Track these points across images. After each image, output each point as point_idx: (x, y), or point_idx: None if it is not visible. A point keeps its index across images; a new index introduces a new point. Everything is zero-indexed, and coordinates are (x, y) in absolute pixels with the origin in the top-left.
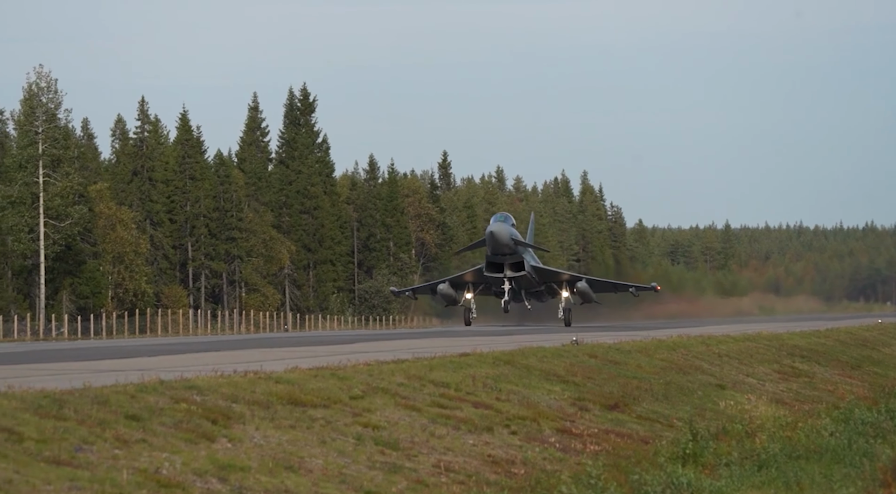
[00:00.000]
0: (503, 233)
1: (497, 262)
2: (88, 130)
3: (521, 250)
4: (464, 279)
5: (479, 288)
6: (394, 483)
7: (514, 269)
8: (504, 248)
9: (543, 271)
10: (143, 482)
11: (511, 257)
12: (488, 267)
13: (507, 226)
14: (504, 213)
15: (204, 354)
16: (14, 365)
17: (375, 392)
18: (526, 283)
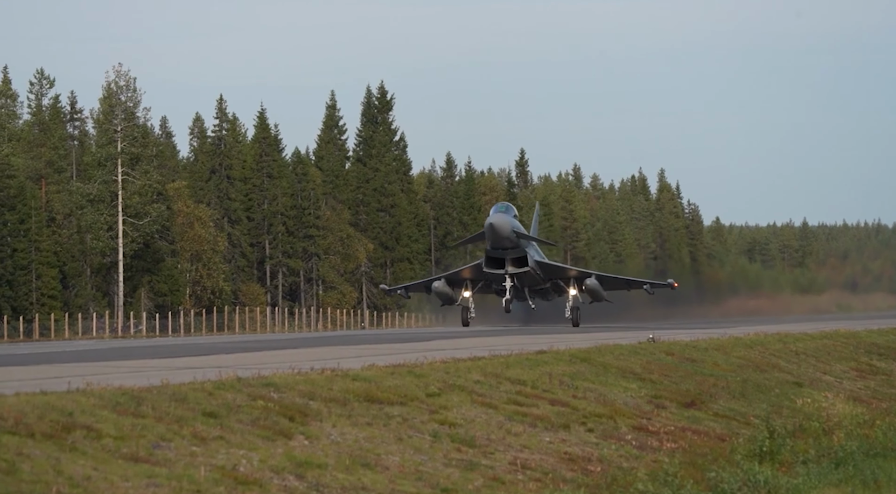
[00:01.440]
0: (504, 225)
1: (498, 257)
2: (167, 129)
3: (525, 243)
4: (461, 276)
5: (479, 286)
6: (470, 480)
7: (516, 264)
8: (505, 241)
9: (549, 267)
10: (221, 479)
11: (513, 251)
12: (488, 262)
13: (508, 217)
14: (505, 203)
15: (281, 351)
16: (93, 363)
17: (452, 390)
18: (530, 280)
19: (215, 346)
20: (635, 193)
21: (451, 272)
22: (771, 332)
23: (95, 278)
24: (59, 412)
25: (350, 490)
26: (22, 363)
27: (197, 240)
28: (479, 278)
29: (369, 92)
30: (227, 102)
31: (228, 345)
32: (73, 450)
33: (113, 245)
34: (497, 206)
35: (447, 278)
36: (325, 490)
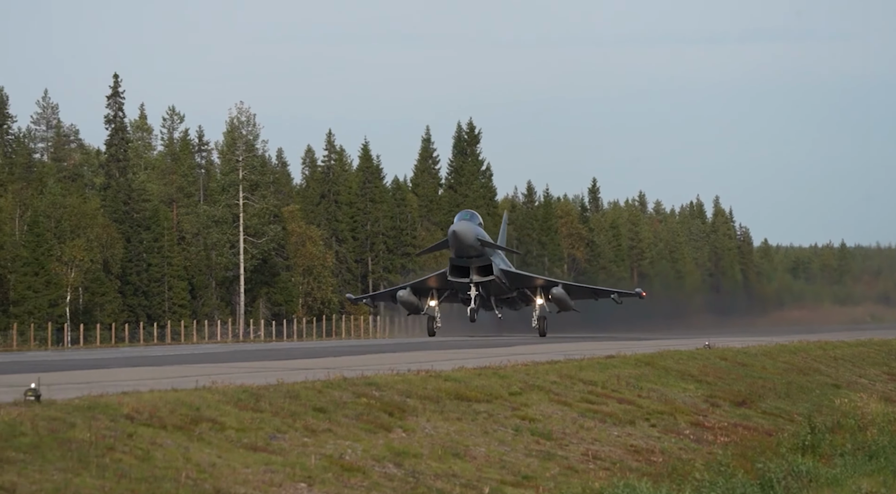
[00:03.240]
0: (467, 233)
1: (462, 265)
2: (282, 159)
3: (490, 252)
4: (427, 285)
5: (445, 295)
6: (547, 468)
7: (481, 273)
8: (469, 250)
9: (514, 276)
10: (329, 466)
11: (478, 259)
12: (452, 271)
13: (472, 225)
14: (470, 211)
15: (382, 355)
16: (217, 364)
17: (531, 389)
18: (496, 289)
19: (324, 350)
20: (693, 217)
21: (416, 281)
22: (812, 340)
23: (220, 290)
24: (187, 406)
25: (442, 477)
26: (155, 364)
27: (308, 257)
28: (445, 287)
29: (459, 127)
30: (335, 135)
31: (336, 349)
32: (200, 440)
33: (235, 261)
34: (461, 213)
35: (413, 287)
36: (420, 476)
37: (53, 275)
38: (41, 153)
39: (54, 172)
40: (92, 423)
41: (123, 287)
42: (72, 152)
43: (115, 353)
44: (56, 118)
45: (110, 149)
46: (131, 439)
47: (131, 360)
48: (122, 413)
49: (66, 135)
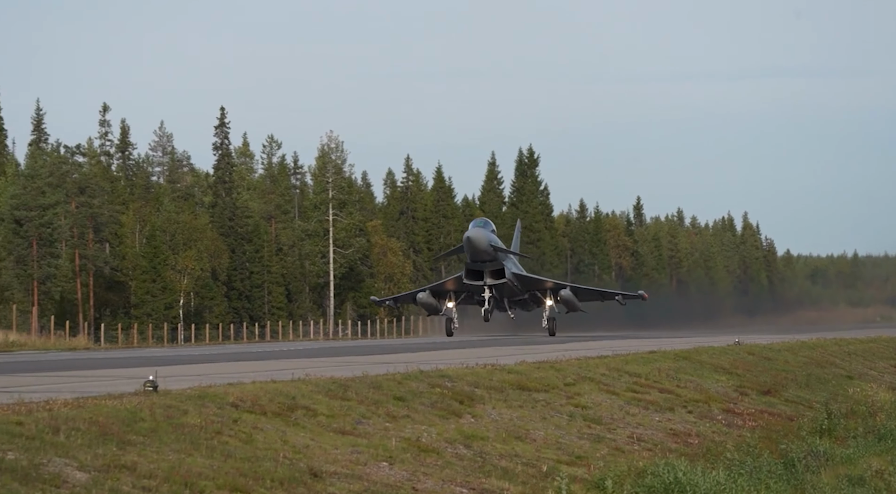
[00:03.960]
0: (481, 239)
1: (477, 269)
2: (366, 180)
3: (502, 256)
4: (445, 287)
5: (462, 297)
6: (598, 449)
7: (494, 276)
8: (483, 254)
9: (526, 279)
10: (407, 447)
11: (491, 264)
12: (468, 274)
13: (485, 232)
14: (484, 218)
15: (453, 351)
16: (310, 359)
17: (584, 380)
18: (508, 291)
19: (404, 346)
20: (725, 230)
21: (435, 284)
22: (829, 337)
23: (312, 294)
24: (284, 396)
25: (506, 457)
26: (256, 359)
27: (389, 265)
28: (461, 290)
29: (521, 152)
30: (412, 159)
31: (413, 346)
32: (296, 425)
33: (325, 269)
34: (475, 221)
35: (432, 290)
36: (487, 456)
37: (168, 281)
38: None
39: (169, 192)
40: (202, 410)
41: (229, 292)
42: (184, 175)
43: (221, 349)
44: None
45: (217, 172)
46: (236, 424)
47: (236, 355)
48: (228, 402)
49: (179, 160)
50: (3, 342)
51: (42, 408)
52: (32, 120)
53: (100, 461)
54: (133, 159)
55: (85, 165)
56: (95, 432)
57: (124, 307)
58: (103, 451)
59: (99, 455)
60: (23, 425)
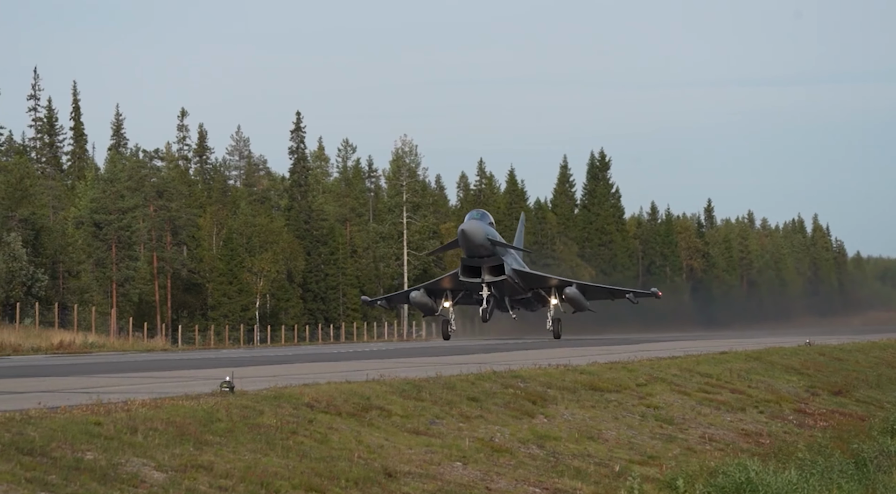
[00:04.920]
0: (477, 232)
1: (473, 265)
2: (440, 183)
3: (502, 251)
4: (441, 286)
5: (459, 295)
6: (669, 449)
7: (492, 273)
8: (480, 249)
9: (528, 276)
10: (481, 447)
11: (489, 259)
12: (464, 271)
13: (481, 224)
14: (481, 210)
15: (525, 352)
16: (385, 359)
17: (655, 381)
18: (509, 289)
19: (476, 347)
20: (795, 232)
21: (430, 282)
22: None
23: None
24: (359, 396)
25: (578, 457)
26: (331, 360)
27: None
28: (459, 288)
29: (592, 156)
30: (485, 163)
31: (487, 347)
32: (370, 425)
33: (400, 271)
34: (471, 213)
35: (426, 288)
36: (560, 456)
37: (245, 284)
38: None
39: (246, 195)
40: (277, 411)
41: (304, 294)
42: (261, 179)
43: (297, 350)
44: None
45: (293, 175)
46: (311, 424)
47: (311, 356)
48: (303, 402)
49: (255, 164)
50: (83, 344)
51: (120, 409)
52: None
53: (177, 461)
54: (210, 163)
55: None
56: (173, 432)
57: (201, 309)
58: (180, 451)
59: (176, 455)
60: (101, 425)
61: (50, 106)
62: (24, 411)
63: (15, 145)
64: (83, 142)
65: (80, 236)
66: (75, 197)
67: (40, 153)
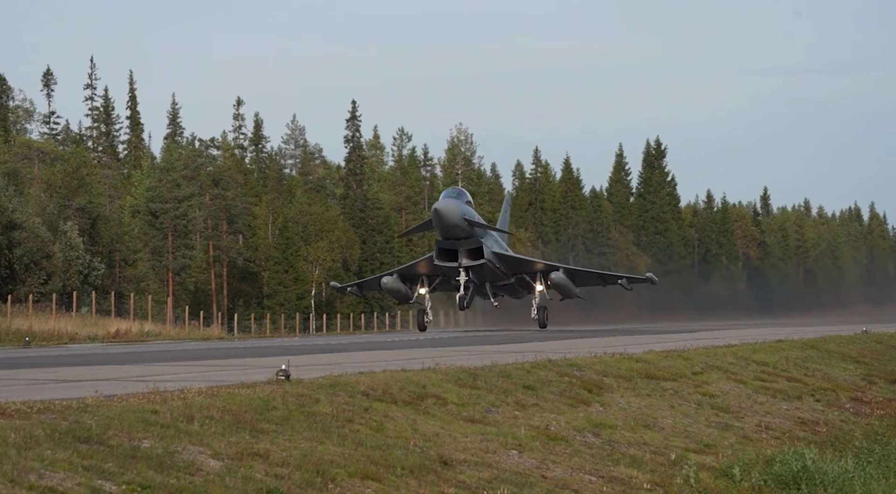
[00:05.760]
0: (452, 211)
1: (449, 248)
2: (495, 172)
3: (481, 233)
4: (416, 271)
5: (437, 281)
6: (725, 438)
7: (470, 256)
8: (455, 230)
9: (510, 260)
10: (536, 436)
11: (466, 241)
12: (439, 254)
13: (457, 202)
14: (457, 188)
15: (580, 340)
16: (440, 348)
17: (711, 369)
18: (489, 274)
19: (532, 335)
20: (851, 220)
21: (403, 267)
22: None
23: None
24: (414, 384)
25: (634, 445)
26: (386, 349)
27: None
28: (436, 273)
29: (648, 144)
30: (541, 151)
31: (541, 335)
32: (426, 414)
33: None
34: (447, 191)
35: (400, 274)
36: (615, 444)
37: (300, 272)
38: (290, 168)
39: (301, 184)
40: (333, 399)
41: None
42: (316, 167)
43: (352, 339)
44: (303, 138)
45: (349, 164)
46: (367, 412)
47: (366, 345)
48: (358, 390)
49: (311, 153)
50: (139, 332)
51: (176, 397)
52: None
53: (233, 449)
54: (266, 152)
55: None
56: (229, 420)
57: (257, 298)
58: (236, 439)
59: (232, 443)
60: (158, 413)
61: (106, 95)
62: (81, 399)
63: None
64: (139, 131)
65: (137, 224)
66: (131, 186)
67: (97, 142)
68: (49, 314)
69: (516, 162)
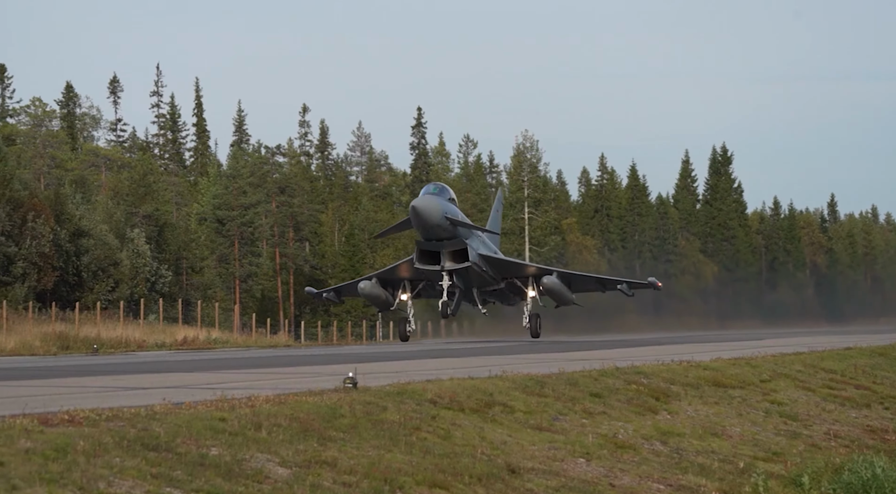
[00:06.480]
0: (431, 209)
1: (431, 250)
2: (561, 178)
3: (465, 233)
4: (397, 274)
5: (420, 286)
6: (794, 446)
7: (454, 259)
8: (436, 230)
9: (498, 263)
10: (604, 444)
11: (449, 242)
12: (420, 257)
13: (438, 200)
14: (439, 184)
15: (645, 348)
16: (507, 355)
17: (779, 377)
18: (476, 278)
19: (599, 343)
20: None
21: (383, 270)
22: None
23: None
24: (482, 392)
25: (702, 453)
26: (453, 356)
27: (584, 263)
28: (418, 277)
29: (714, 150)
30: (607, 158)
31: (609, 343)
32: (493, 421)
33: None
34: (427, 187)
35: (380, 278)
36: (683, 452)
37: None
38: (356, 175)
39: (367, 191)
40: (401, 407)
41: None
42: (382, 175)
43: (419, 346)
44: (369, 146)
45: (414, 171)
46: (434, 420)
47: (433, 352)
48: (426, 398)
49: (377, 160)
50: (206, 340)
51: (244, 404)
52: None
53: (301, 456)
54: (332, 159)
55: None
56: (296, 428)
57: (324, 305)
58: (304, 447)
59: (300, 451)
60: (226, 421)
61: (173, 103)
62: (150, 406)
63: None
64: (205, 138)
65: (203, 232)
66: (198, 193)
67: (163, 150)
68: (117, 322)
69: (582, 169)
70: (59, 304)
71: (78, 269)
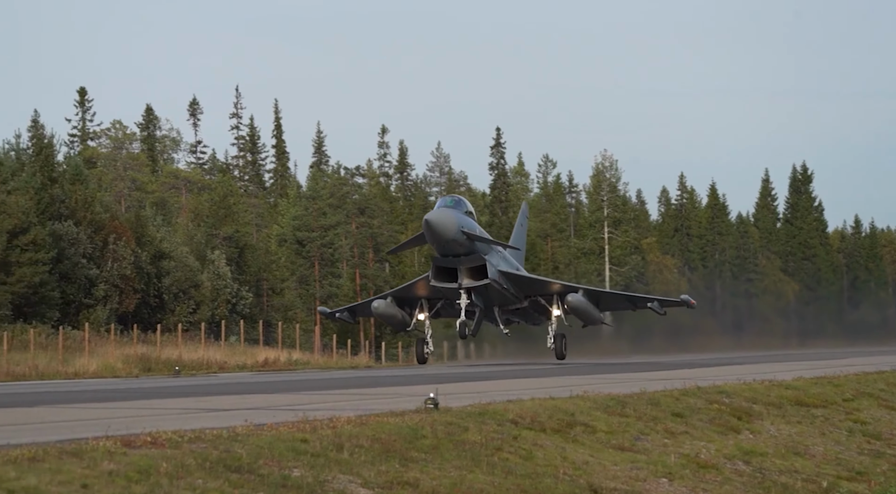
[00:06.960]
0: (447, 223)
1: (447, 266)
2: (641, 198)
3: (485, 249)
4: (413, 293)
5: (438, 305)
6: (878, 465)
7: (472, 276)
8: (452, 245)
9: (520, 280)
10: (686, 464)
11: (467, 258)
12: (436, 274)
13: (454, 213)
14: (455, 196)
15: (727, 367)
16: (585, 375)
17: (862, 396)
18: (497, 296)
19: (680, 363)
20: None
21: (399, 288)
22: None
23: None
24: (563, 412)
25: (785, 473)
26: (533, 376)
27: (664, 282)
28: (436, 296)
29: (794, 169)
30: (686, 177)
31: (690, 362)
32: (575, 441)
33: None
34: (443, 199)
35: (395, 296)
36: (766, 472)
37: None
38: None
39: None
40: (482, 427)
41: None
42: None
43: (499, 367)
44: (448, 166)
45: (494, 191)
46: (516, 441)
47: (514, 372)
48: (507, 418)
49: (456, 180)
50: (287, 361)
51: (326, 426)
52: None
53: (383, 477)
54: (411, 180)
55: (364, 185)
56: (378, 449)
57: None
58: (386, 468)
59: (382, 472)
60: (307, 442)
61: (252, 124)
62: (232, 428)
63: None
64: (285, 160)
65: (284, 253)
66: (278, 215)
67: (243, 171)
68: (198, 343)
69: (662, 188)
70: (141, 326)
71: (159, 291)
